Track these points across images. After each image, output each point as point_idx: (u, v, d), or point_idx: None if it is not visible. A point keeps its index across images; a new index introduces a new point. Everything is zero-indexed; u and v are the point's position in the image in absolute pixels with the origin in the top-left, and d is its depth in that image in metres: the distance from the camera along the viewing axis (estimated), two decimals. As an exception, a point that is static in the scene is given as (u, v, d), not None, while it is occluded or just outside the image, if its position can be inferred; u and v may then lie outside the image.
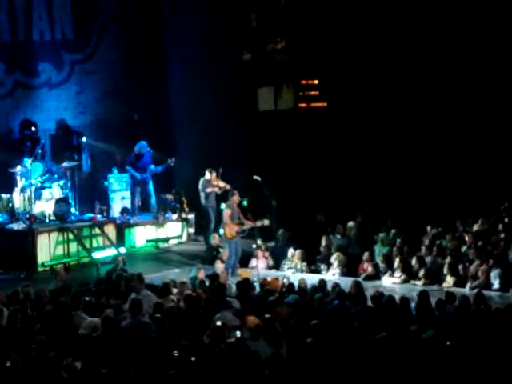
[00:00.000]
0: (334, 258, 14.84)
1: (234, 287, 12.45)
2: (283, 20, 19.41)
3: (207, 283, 12.50)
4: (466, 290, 12.73)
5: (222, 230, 15.42)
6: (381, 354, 8.86)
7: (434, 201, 17.49)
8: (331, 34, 19.11)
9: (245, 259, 15.47)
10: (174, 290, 11.98)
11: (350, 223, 16.26)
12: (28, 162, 16.10)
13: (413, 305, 10.97)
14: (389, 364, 8.66)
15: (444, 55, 18.43)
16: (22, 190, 15.99)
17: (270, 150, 19.42)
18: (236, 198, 15.08)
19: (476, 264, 13.50)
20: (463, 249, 14.45)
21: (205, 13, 19.06)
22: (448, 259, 13.76)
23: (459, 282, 13.41)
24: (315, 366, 8.53)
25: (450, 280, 13.48)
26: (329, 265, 14.92)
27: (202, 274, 13.21)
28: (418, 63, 18.68)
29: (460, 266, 13.62)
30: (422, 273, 13.76)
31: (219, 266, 14.78)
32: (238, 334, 9.97)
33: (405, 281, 13.86)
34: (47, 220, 15.94)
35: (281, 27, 19.49)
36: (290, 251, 15.33)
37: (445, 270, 13.66)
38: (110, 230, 16.65)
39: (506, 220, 15.47)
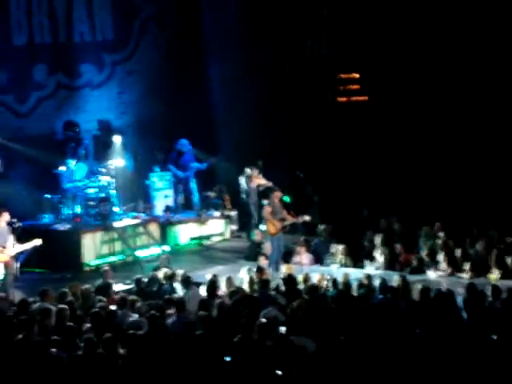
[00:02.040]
0: (379, 253, 14.75)
1: (278, 283, 12.44)
2: (324, 15, 19.32)
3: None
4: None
5: (264, 226, 15.41)
6: (427, 348, 8.79)
7: (480, 194, 17.28)
8: (372, 27, 18.98)
9: (288, 255, 15.45)
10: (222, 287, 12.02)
11: (394, 218, 16.14)
12: (72, 162, 16.26)
13: (459, 298, 10.86)
14: (436, 358, 8.58)
15: (485, 48, 18.20)
16: (67, 191, 16.16)
17: (312, 146, 19.36)
18: (277, 193, 15.07)
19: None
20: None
21: (243, 10, 19.05)
22: (494, 251, 13.59)
23: (506, 274, 13.23)
24: (359, 362, 8.49)
25: (496, 272, 13.31)
26: (373, 259, 14.83)
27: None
28: (459, 56, 18.47)
29: (508, 258, 13.43)
30: (467, 266, 13.61)
31: (263, 262, 14.79)
32: (284, 329, 9.96)
33: (450, 274, 13.73)
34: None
35: (322, 22, 19.40)
36: (334, 246, 15.27)
37: (491, 263, 13.49)
38: (154, 228, 16.74)
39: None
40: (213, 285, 11.84)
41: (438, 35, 18.48)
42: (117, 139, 17.55)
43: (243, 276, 12.62)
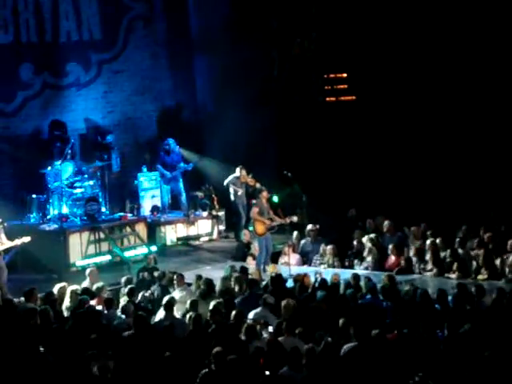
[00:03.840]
0: (367, 253, 14.73)
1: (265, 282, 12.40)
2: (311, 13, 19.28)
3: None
4: (502, 283, 12.52)
5: (251, 227, 15.37)
6: (415, 348, 8.77)
7: (468, 193, 17.30)
8: (359, 27, 18.97)
9: (276, 255, 15.41)
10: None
11: (383, 217, 16.13)
12: (58, 162, 16.16)
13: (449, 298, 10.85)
14: (425, 358, 8.56)
15: (478, 47, 18.23)
16: (53, 191, 16.06)
17: (300, 145, 19.33)
18: (265, 194, 15.05)
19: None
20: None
21: (231, 9, 18.99)
22: (482, 252, 13.58)
23: (494, 275, 13.22)
24: (350, 362, 8.46)
25: (484, 273, 13.30)
26: (361, 259, 14.81)
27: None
28: (448, 56, 18.50)
29: (496, 259, 13.43)
30: (455, 266, 13.60)
31: (250, 263, 14.81)
32: (271, 329, 9.92)
33: (437, 274, 13.70)
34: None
35: (309, 21, 19.35)
36: (322, 246, 15.25)
37: (479, 263, 13.48)
38: (141, 228, 16.66)
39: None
40: (210, 286, 11.77)
41: (425, 34, 18.48)
42: (103, 139, 17.46)
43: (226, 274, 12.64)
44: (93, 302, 11.35)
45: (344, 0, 19.03)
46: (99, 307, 11.08)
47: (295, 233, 15.84)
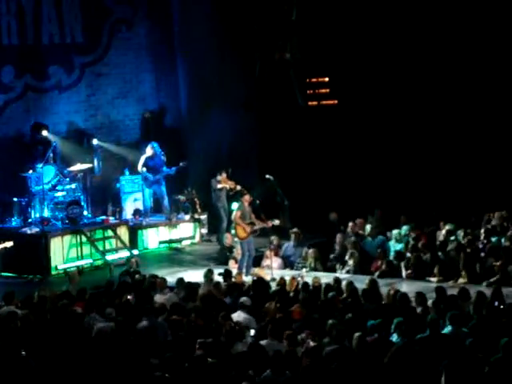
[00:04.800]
0: (348, 256, 14.79)
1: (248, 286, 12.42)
2: (293, 19, 19.32)
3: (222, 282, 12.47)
4: (482, 287, 12.60)
5: (233, 230, 15.39)
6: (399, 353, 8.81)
7: (448, 196, 17.41)
8: (341, 31, 19.04)
9: (259, 259, 15.43)
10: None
11: (363, 221, 16.21)
12: (40, 165, 16.11)
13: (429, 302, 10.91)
14: (407, 363, 8.60)
15: (458, 50, 18.34)
16: (35, 194, 16.00)
17: (281, 149, 19.37)
18: (247, 197, 15.07)
19: (492, 260, 13.40)
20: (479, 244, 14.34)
21: (215, 13, 19.01)
22: (462, 255, 13.66)
23: (474, 279, 13.31)
24: (330, 367, 8.48)
25: (464, 276, 13.38)
26: (343, 263, 14.86)
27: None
28: (429, 59, 18.60)
29: (475, 262, 13.51)
30: (436, 269, 13.67)
31: (233, 266, 14.81)
32: (253, 332, 9.94)
33: (418, 278, 13.76)
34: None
35: (291, 26, 19.39)
36: (304, 250, 15.29)
37: (460, 267, 13.56)
38: (123, 231, 16.64)
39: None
40: (194, 289, 11.76)
41: (407, 37, 18.57)
42: (85, 142, 17.43)
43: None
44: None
45: (325, 5, 19.05)
46: (80, 311, 11.02)
47: (277, 236, 15.86)
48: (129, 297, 11.79)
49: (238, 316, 10.39)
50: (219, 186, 16.59)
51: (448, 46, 18.40)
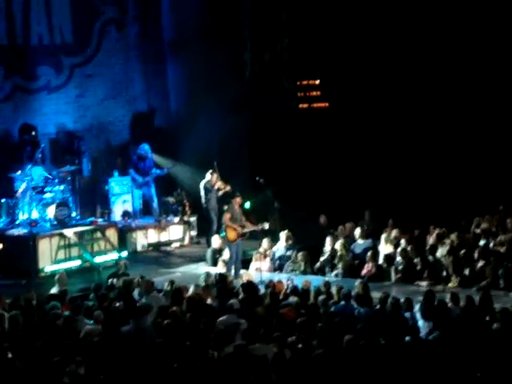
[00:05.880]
0: (338, 260, 14.75)
1: (236, 289, 12.36)
2: (284, 20, 19.29)
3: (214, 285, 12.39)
4: (472, 291, 12.58)
5: (223, 233, 15.32)
6: (386, 355, 8.77)
7: (438, 200, 17.41)
8: (332, 34, 19.02)
9: (248, 261, 15.38)
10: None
11: (353, 224, 16.17)
12: (28, 166, 16.00)
13: (417, 306, 10.87)
14: (396, 367, 8.56)
15: (446, 53, 18.37)
16: (23, 195, 15.89)
17: (272, 152, 19.33)
18: (238, 199, 15.03)
19: (481, 264, 13.38)
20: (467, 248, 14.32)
21: (204, 13, 18.95)
22: (452, 259, 13.63)
23: (464, 282, 13.28)
24: (320, 368, 8.44)
25: (454, 280, 13.36)
26: (332, 266, 14.82)
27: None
28: (419, 62, 18.62)
29: (465, 266, 13.49)
30: (425, 273, 13.64)
31: (222, 269, 14.73)
32: (240, 335, 9.88)
33: (409, 282, 13.73)
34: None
35: (282, 27, 19.36)
36: (294, 253, 15.24)
37: (449, 271, 13.53)
38: (112, 233, 16.55)
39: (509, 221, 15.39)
40: (179, 293, 11.68)
41: (397, 40, 18.59)
42: (75, 143, 17.33)
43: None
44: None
45: (316, 6, 19.03)
46: (68, 313, 10.94)
47: (267, 239, 15.81)
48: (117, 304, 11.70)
49: (227, 319, 10.32)
50: (216, 186, 16.51)
51: (438, 49, 18.44)
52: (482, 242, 14.39)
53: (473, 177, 17.94)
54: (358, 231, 15.64)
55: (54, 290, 12.40)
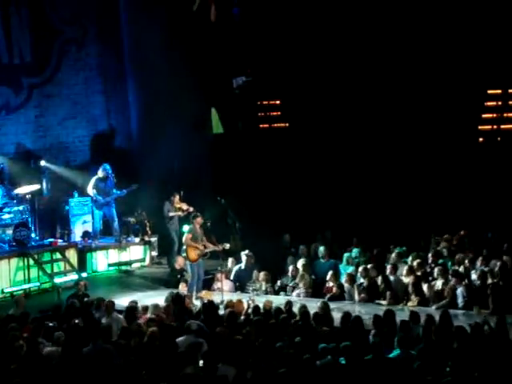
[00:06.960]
0: (299, 279, 14.76)
1: (197, 309, 12.31)
2: (244, 42, 19.37)
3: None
4: (432, 309, 12.68)
5: (184, 253, 15.28)
6: (348, 375, 8.79)
7: (397, 220, 17.57)
8: (293, 55, 19.17)
9: (209, 281, 15.34)
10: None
11: (315, 244, 16.24)
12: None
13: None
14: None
15: (405, 78, 18.66)
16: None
17: (234, 171, 19.36)
18: (199, 220, 15.02)
19: (441, 283, 13.49)
20: (427, 268, 14.44)
21: (166, 33, 18.95)
22: (412, 278, 13.73)
23: (424, 302, 13.38)
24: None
25: (414, 299, 13.45)
26: (294, 286, 14.83)
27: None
28: (378, 85, 18.85)
29: (425, 286, 13.60)
30: (387, 293, 13.71)
31: (183, 289, 14.69)
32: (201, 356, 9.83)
33: (369, 300, 13.78)
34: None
35: (242, 50, 19.44)
36: (255, 273, 15.23)
37: (409, 290, 13.62)
38: (72, 254, 16.43)
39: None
40: (131, 311, 11.62)
41: (357, 62, 18.81)
42: (33, 163, 17.19)
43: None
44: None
45: (277, 28, 19.16)
46: (26, 335, 10.79)
47: (229, 259, 15.80)
48: (76, 321, 11.59)
49: (185, 340, 10.27)
50: (171, 214, 16.53)
51: (398, 70, 18.68)
52: (440, 261, 14.53)
53: (432, 197, 18.16)
54: (320, 250, 15.69)
55: (11, 312, 12.21)
